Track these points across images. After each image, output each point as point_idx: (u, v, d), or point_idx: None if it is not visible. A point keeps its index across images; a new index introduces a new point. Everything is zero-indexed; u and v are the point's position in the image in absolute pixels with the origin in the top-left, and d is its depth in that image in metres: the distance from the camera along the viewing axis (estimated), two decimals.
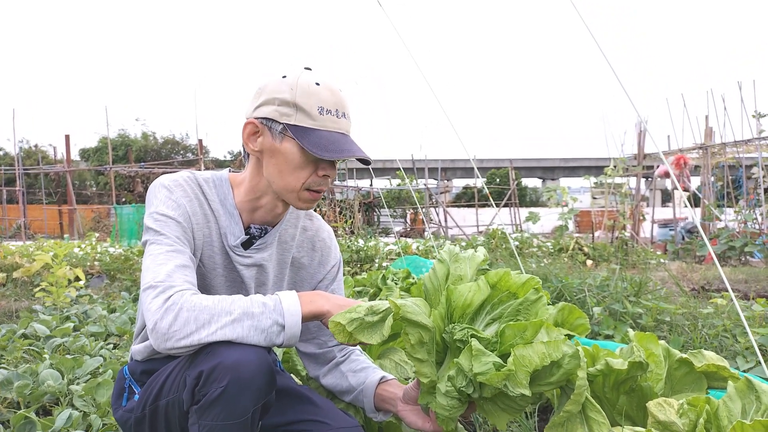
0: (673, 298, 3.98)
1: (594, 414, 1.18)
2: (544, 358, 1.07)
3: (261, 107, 1.24)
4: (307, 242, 1.48)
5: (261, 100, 1.25)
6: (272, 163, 1.26)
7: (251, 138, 1.27)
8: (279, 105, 1.22)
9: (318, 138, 1.21)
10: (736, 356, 2.49)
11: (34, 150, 30.76)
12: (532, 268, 4.68)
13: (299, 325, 1.13)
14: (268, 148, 1.25)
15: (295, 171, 1.25)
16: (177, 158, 30.42)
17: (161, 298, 1.08)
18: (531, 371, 1.07)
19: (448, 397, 1.12)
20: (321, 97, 1.22)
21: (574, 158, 43.03)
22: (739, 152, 10.77)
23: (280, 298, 1.14)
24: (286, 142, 1.23)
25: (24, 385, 2.24)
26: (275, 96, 1.22)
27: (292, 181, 1.26)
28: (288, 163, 1.24)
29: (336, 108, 1.24)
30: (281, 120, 1.22)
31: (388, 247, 8.39)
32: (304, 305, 1.15)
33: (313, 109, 1.21)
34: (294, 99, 1.21)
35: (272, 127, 1.23)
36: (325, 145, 1.20)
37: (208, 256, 1.32)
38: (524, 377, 1.07)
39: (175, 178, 1.30)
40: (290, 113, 1.21)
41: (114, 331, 3.49)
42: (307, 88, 1.21)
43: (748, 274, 6.37)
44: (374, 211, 22.28)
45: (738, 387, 1.27)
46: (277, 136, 1.23)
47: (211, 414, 1.06)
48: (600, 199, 11.25)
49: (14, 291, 5.36)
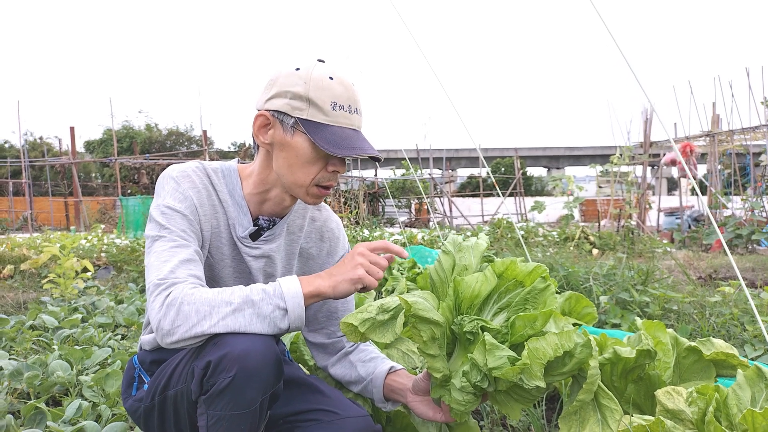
0: (680, 286, 3.96)
1: (606, 401, 1.18)
2: (557, 349, 1.08)
3: (273, 99, 1.23)
4: (316, 232, 1.47)
5: (273, 92, 1.23)
6: (282, 157, 1.25)
7: (262, 130, 1.25)
8: (291, 98, 1.20)
9: (330, 134, 1.19)
10: (744, 344, 2.48)
11: (39, 142, 30.85)
12: (538, 257, 4.67)
13: (302, 306, 1.12)
14: (279, 141, 1.24)
15: (305, 166, 1.23)
16: (181, 149, 30.44)
17: (162, 296, 1.09)
18: (545, 363, 1.07)
19: (464, 392, 1.13)
20: (334, 91, 1.20)
21: (579, 147, 42.81)
22: (747, 139, 10.68)
23: (280, 282, 1.13)
24: (297, 137, 1.21)
25: (34, 376, 2.25)
26: (288, 89, 1.20)
27: (301, 176, 1.24)
28: (298, 158, 1.23)
29: (349, 104, 1.22)
30: (293, 114, 1.20)
31: (393, 237, 8.40)
32: (304, 286, 1.14)
33: (326, 104, 1.19)
34: (307, 93, 1.19)
35: (284, 121, 1.22)
36: (337, 141, 1.19)
37: (216, 247, 1.32)
38: (539, 369, 1.07)
39: (184, 168, 1.29)
40: (303, 107, 1.19)
41: (122, 322, 3.51)
42: (320, 82, 1.19)
43: (756, 262, 6.33)
44: (379, 202, 22.27)
45: (748, 375, 1.26)
46: (289, 129, 1.22)
47: (219, 404, 1.07)
48: (606, 188, 11.19)
49: (22, 283, 5.39)
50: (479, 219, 19.28)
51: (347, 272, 1.17)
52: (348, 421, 1.26)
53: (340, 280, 1.16)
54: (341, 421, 1.26)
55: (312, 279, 1.17)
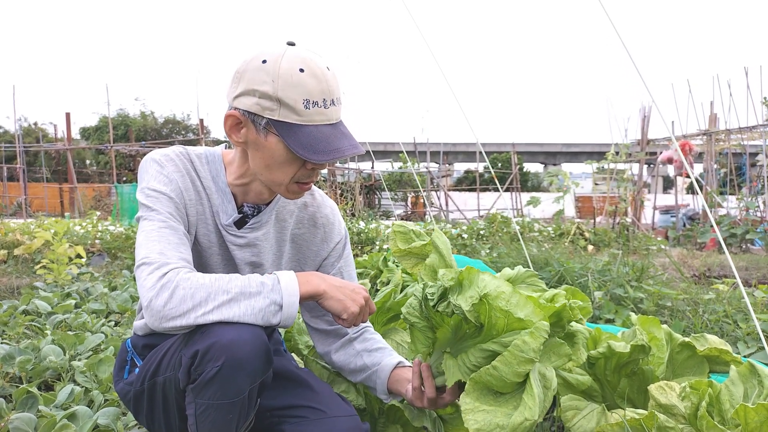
0: (674, 283, 3.98)
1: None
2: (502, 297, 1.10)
3: (241, 97, 1.15)
4: (308, 219, 1.43)
5: (240, 88, 1.15)
6: (258, 156, 1.20)
7: (234, 129, 1.19)
8: (260, 98, 1.13)
9: (305, 136, 1.13)
10: (737, 341, 2.49)
11: (34, 128, 30.61)
12: (533, 253, 4.67)
13: (296, 305, 1.11)
14: (253, 141, 1.18)
15: (282, 166, 1.19)
16: (178, 138, 30.28)
17: (156, 275, 1.06)
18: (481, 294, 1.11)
19: (414, 296, 1.27)
20: (306, 87, 1.11)
21: (576, 143, 42.83)
22: (744, 139, 10.70)
23: (278, 277, 1.12)
24: (271, 138, 1.15)
25: (26, 360, 2.24)
26: (255, 87, 1.12)
27: (279, 175, 1.20)
28: (274, 159, 1.18)
29: (323, 97, 1.14)
30: (264, 114, 1.13)
31: (389, 229, 8.39)
32: (301, 285, 1.12)
33: (297, 103, 1.11)
34: (276, 93, 1.11)
35: (255, 121, 1.15)
36: (312, 144, 1.12)
37: (203, 234, 1.29)
38: (473, 296, 1.12)
39: (167, 152, 1.26)
40: (273, 107, 1.12)
41: (115, 309, 3.50)
42: (289, 79, 1.10)
43: (749, 261, 6.37)
44: (375, 194, 22.23)
45: (740, 371, 1.26)
46: (261, 131, 1.16)
47: (207, 393, 1.06)
48: (602, 185, 11.21)
49: (15, 268, 5.36)
50: (475, 213, 19.29)
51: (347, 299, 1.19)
52: (335, 420, 1.25)
53: (340, 298, 1.17)
54: (328, 420, 1.25)
55: (311, 278, 1.16)
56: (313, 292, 1.14)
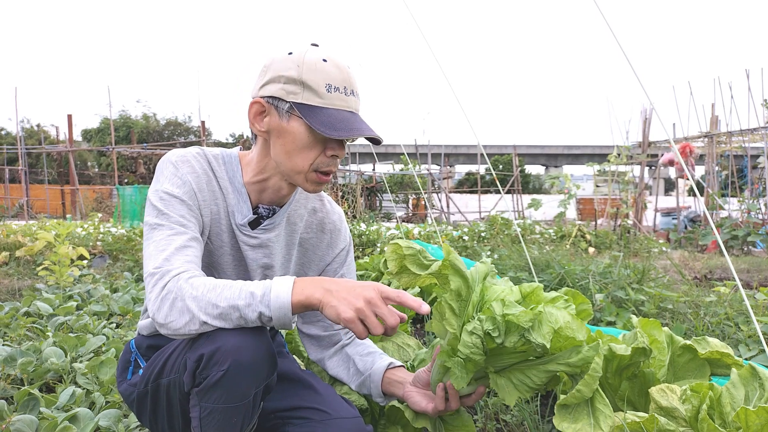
0: (675, 286, 3.97)
1: (602, 406, 1.19)
2: (568, 325, 1.12)
3: (267, 86, 1.21)
4: (317, 224, 1.45)
5: (266, 78, 1.21)
6: (279, 143, 1.23)
7: (257, 118, 1.24)
8: (285, 83, 1.18)
9: (326, 116, 1.17)
10: (738, 344, 2.49)
11: (36, 130, 30.68)
12: (534, 255, 4.67)
13: (288, 316, 1.07)
14: (275, 127, 1.22)
15: (303, 151, 1.21)
16: (179, 140, 30.34)
17: (158, 287, 1.08)
18: (555, 328, 1.11)
19: (474, 335, 1.14)
20: (328, 74, 1.18)
21: (577, 146, 42.88)
22: (745, 141, 10.70)
23: (272, 286, 1.06)
24: (293, 121, 1.20)
25: (27, 362, 2.25)
26: (281, 74, 1.18)
27: (299, 161, 1.23)
28: (296, 143, 1.21)
29: (344, 85, 1.20)
30: (288, 98, 1.18)
31: (390, 231, 8.40)
32: (295, 295, 1.06)
33: (320, 86, 1.17)
34: (300, 76, 1.17)
35: (279, 106, 1.20)
36: (333, 123, 1.17)
37: (215, 233, 1.31)
38: (548, 331, 1.11)
39: (184, 153, 1.28)
40: (297, 91, 1.18)
41: (117, 311, 3.50)
42: (313, 65, 1.17)
43: (751, 263, 6.36)
44: (376, 196, 22.26)
45: (742, 374, 1.26)
46: (284, 115, 1.20)
47: (212, 397, 1.06)
48: (603, 187, 11.21)
49: (17, 270, 5.37)
50: (476, 215, 19.30)
51: (342, 304, 1.04)
52: (338, 422, 1.25)
53: (333, 304, 1.05)
54: (332, 421, 1.25)
55: (307, 285, 1.08)
56: (307, 302, 1.07)
